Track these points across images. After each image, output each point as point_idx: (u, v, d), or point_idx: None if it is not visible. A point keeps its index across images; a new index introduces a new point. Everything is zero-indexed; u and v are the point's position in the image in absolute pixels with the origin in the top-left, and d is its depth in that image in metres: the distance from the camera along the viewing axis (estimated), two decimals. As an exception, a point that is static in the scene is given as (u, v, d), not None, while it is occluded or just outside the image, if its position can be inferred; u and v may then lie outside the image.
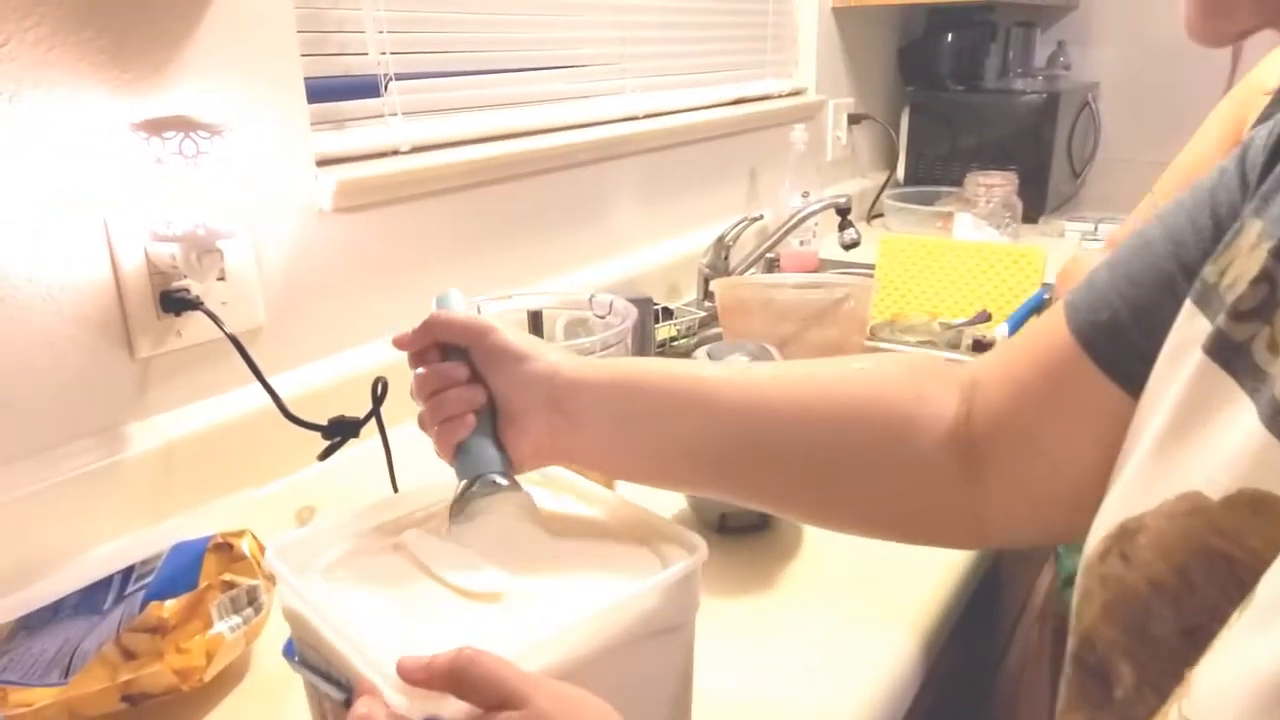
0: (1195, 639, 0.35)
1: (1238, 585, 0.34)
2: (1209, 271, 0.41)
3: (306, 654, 0.48)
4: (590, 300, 0.83)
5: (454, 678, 0.39)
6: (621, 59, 1.39)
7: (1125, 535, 0.41)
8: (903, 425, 0.54)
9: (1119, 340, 0.46)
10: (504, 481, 0.53)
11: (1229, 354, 0.38)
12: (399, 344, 0.58)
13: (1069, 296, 0.50)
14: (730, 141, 1.62)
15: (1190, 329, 0.41)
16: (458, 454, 0.55)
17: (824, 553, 0.77)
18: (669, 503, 0.81)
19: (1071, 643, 0.44)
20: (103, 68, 0.74)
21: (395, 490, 0.81)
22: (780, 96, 1.77)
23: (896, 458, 0.54)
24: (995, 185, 1.69)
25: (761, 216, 1.49)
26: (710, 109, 1.56)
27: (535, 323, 0.81)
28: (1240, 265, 0.39)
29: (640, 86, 1.43)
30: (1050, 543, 1.12)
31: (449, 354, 0.57)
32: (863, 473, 0.54)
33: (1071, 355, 0.48)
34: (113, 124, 0.75)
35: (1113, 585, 0.41)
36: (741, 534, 0.79)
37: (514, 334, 0.57)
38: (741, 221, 1.46)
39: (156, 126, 0.74)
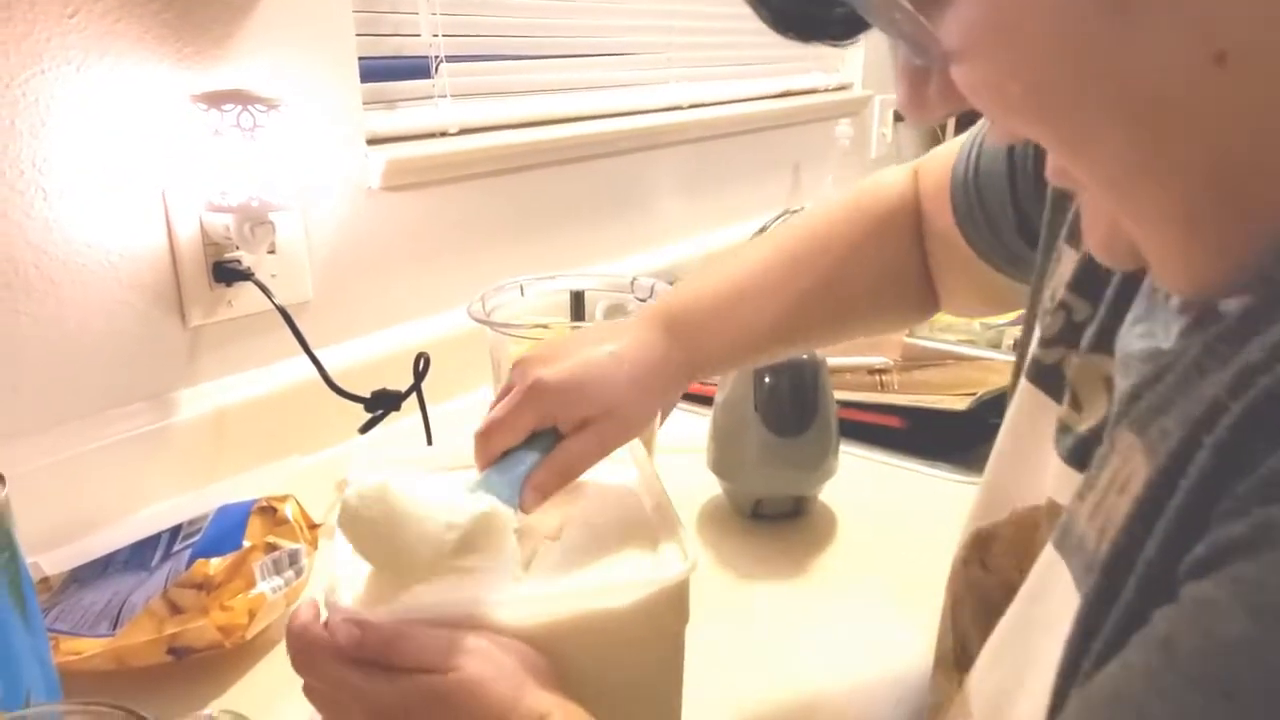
0: None
1: None
2: (1045, 294, 0.43)
3: None
4: (632, 283, 0.84)
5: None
6: (668, 48, 1.39)
7: (982, 543, 0.44)
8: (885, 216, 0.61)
9: (976, 225, 0.54)
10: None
11: (1044, 375, 0.40)
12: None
13: (963, 143, 0.55)
14: (774, 135, 1.62)
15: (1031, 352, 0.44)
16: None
17: (857, 543, 0.77)
18: (706, 484, 0.81)
19: (945, 642, 0.47)
20: (166, 40, 0.76)
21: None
22: (826, 91, 1.76)
23: (884, 235, 0.60)
24: (1042, 186, 1.67)
25: (803, 209, 1.49)
26: (755, 101, 1.56)
27: (578, 303, 0.82)
28: (1053, 290, 0.42)
29: (686, 76, 1.43)
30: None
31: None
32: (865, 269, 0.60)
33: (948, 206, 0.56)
34: (173, 96, 0.77)
35: (976, 590, 0.44)
36: (775, 521, 0.79)
37: (633, 403, 0.55)
38: (783, 214, 1.46)
39: (216, 99, 0.75)
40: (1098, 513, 0.29)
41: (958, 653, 0.45)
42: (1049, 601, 0.32)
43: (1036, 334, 0.42)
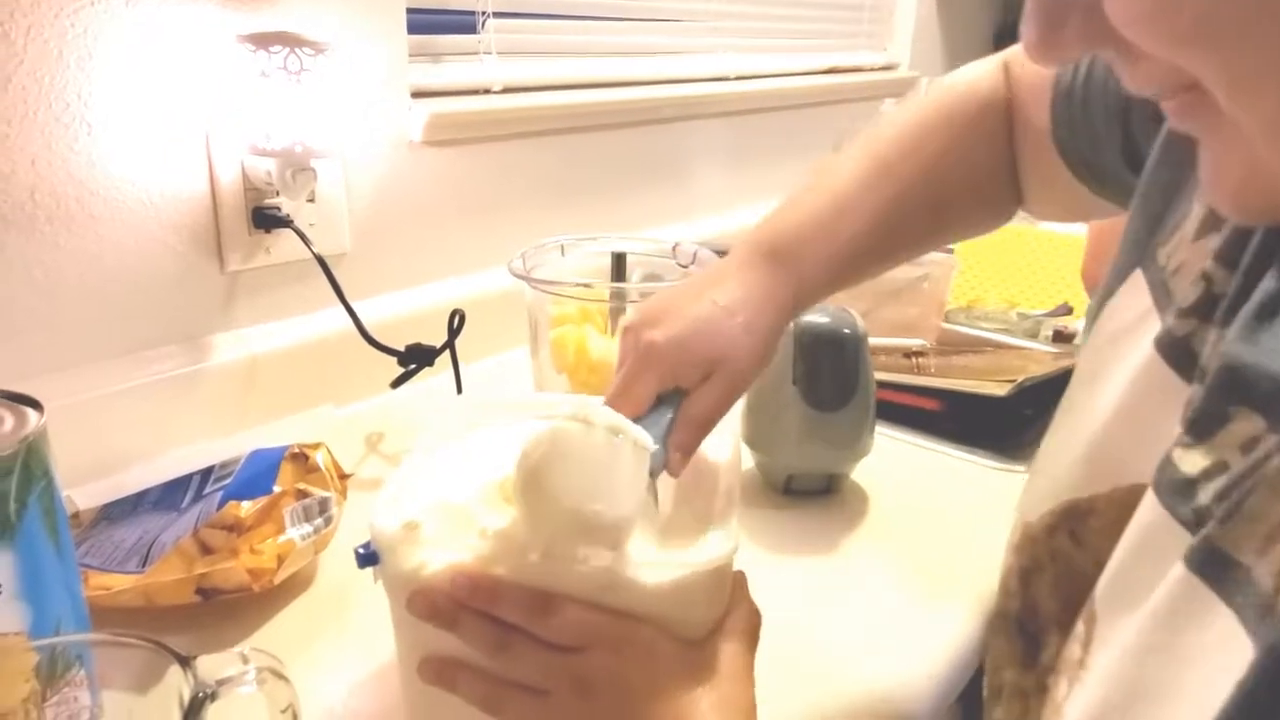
0: None
1: None
2: (1161, 254, 0.41)
3: None
4: (674, 249, 0.83)
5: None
6: (719, 16, 1.37)
7: (1075, 515, 0.42)
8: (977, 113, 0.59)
9: (1074, 134, 0.53)
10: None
11: (1176, 351, 0.38)
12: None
13: (1057, 84, 0.54)
14: (817, 111, 1.59)
15: (1139, 306, 0.41)
16: None
17: (889, 522, 0.76)
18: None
19: (1011, 605, 0.45)
20: (215, -21, 0.75)
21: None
22: (872, 70, 1.73)
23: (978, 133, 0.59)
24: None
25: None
26: (801, 76, 1.53)
27: (619, 265, 0.81)
28: (1183, 254, 0.39)
29: (733, 47, 1.41)
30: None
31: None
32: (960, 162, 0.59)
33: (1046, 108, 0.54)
34: (221, 35, 0.76)
35: (1062, 562, 0.42)
36: (807, 497, 0.78)
37: (747, 353, 0.54)
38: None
39: (263, 40, 0.74)
40: (1271, 551, 0.27)
41: (1025, 618, 0.44)
42: (1193, 633, 0.30)
43: (1173, 300, 0.39)
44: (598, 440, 0.44)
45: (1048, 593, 0.43)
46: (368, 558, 0.46)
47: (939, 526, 0.75)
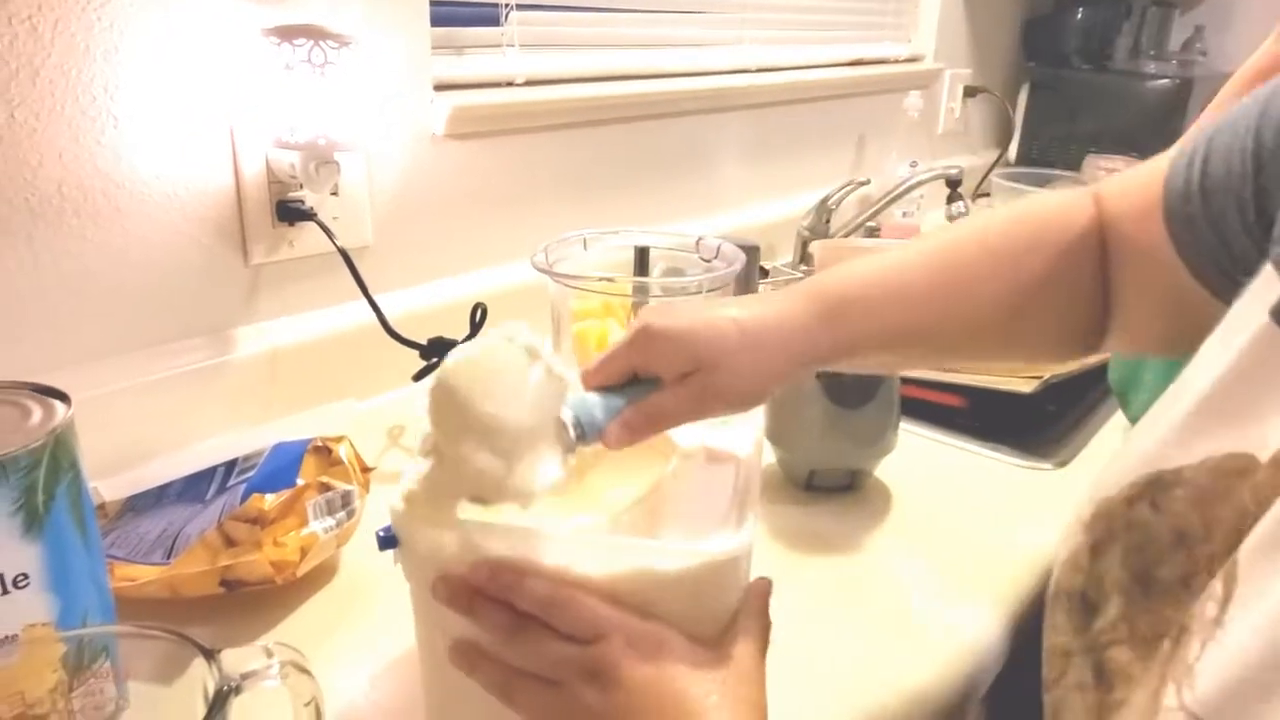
0: (1189, 585, 0.38)
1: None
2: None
3: None
4: (697, 243, 0.82)
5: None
6: (742, 8, 1.36)
7: (1159, 485, 0.41)
8: (1055, 226, 0.56)
9: (1197, 236, 0.48)
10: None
11: None
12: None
13: (1173, 160, 0.50)
14: (841, 103, 1.58)
15: (1266, 293, 0.40)
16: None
17: (912, 519, 0.75)
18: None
19: (1076, 580, 0.44)
20: (240, -28, 0.75)
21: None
22: (897, 61, 1.71)
23: (1052, 254, 0.55)
24: (1116, 170, 1.61)
25: (868, 182, 1.45)
26: (825, 68, 1.52)
27: (642, 260, 0.80)
28: None
29: (757, 39, 1.40)
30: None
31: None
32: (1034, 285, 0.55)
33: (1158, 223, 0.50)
34: (245, 28, 0.76)
35: (1138, 531, 0.41)
36: (829, 494, 0.78)
37: (732, 385, 0.52)
38: (848, 184, 1.43)
39: (288, 33, 0.74)
40: None
41: (1089, 590, 0.43)
42: None
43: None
44: (513, 357, 0.45)
45: (1118, 562, 0.42)
46: (388, 540, 0.46)
47: (963, 524, 0.75)
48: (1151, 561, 0.40)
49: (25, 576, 0.43)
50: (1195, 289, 0.49)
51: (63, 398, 0.45)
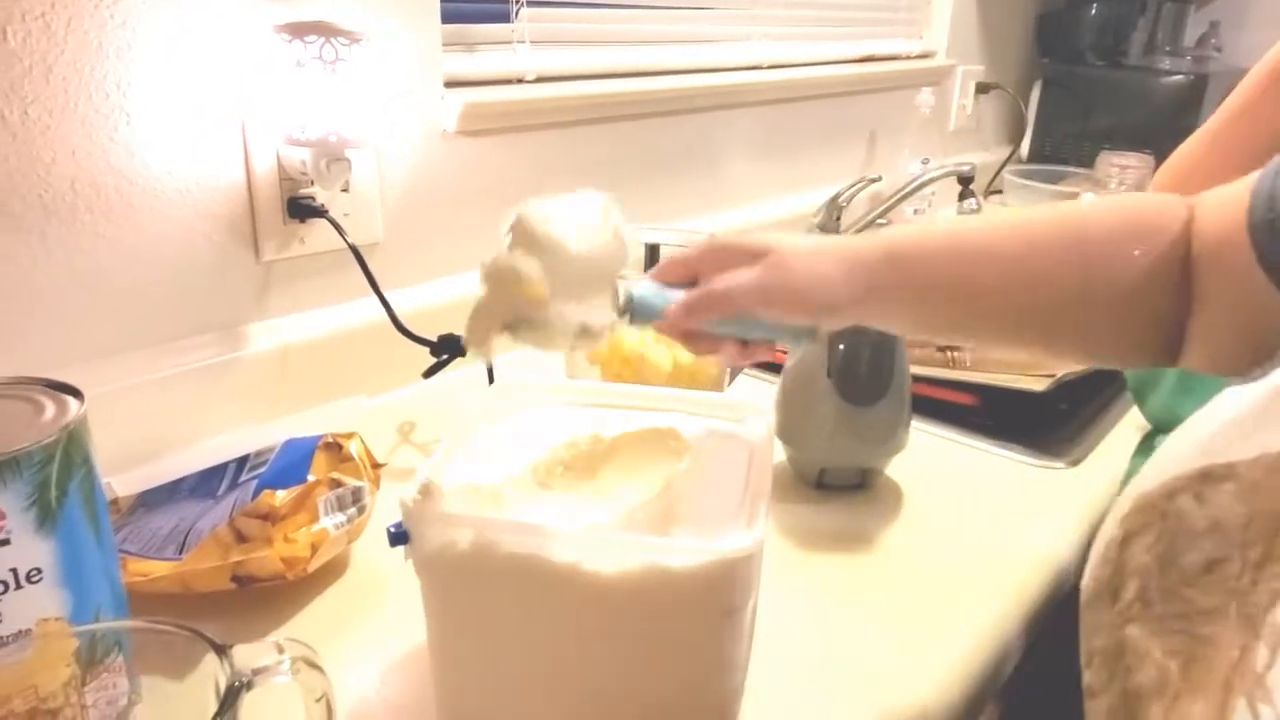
0: (1213, 570, 0.37)
1: None
2: None
3: None
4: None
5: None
6: (751, 4, 1.35)
7: (1208, 479, 0.40)
8: (1151, 219, 0.53)
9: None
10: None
11: None
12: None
13: (1265, 168, 0.48)
14: (853, 100, 1.57)
15: None
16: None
17: (923, 518, 0.75)
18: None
19: (1104, 572, 0.44)
20: (252, -31, 0.75)
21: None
22: (909, 58, 1.71)
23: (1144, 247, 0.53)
24: (1130, 167, 1.61)
25: (879, 179, 1.45)
26: (836, 64, 1.51)
27: (653, 256, 0.80)
28: None
29: (767, 35, 1.39)
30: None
31: None
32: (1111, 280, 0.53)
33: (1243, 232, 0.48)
34: (257, 25, 0.76)
35: (1172, 520, 0.41)
36: (840, 492, 0.78)
37: (800, 285, 0.53)
38: (859, 181, 1.42)
39: (299, 30, 0.74)
40: None
41: (1116, 580, 0.43)
42: None
43: None
44: (591, 206, 0.53)
45: (1144, 549, 0.42)
46: (399, 536, 0.47)
47: (974, 523, 0.74)
48: (1180, 548, 0.39)
49: (39, 571, 0.43)
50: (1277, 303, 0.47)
51: (76, 393, 0.46)
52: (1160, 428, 0.83)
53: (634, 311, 0.54)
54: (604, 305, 0.52)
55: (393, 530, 0.46)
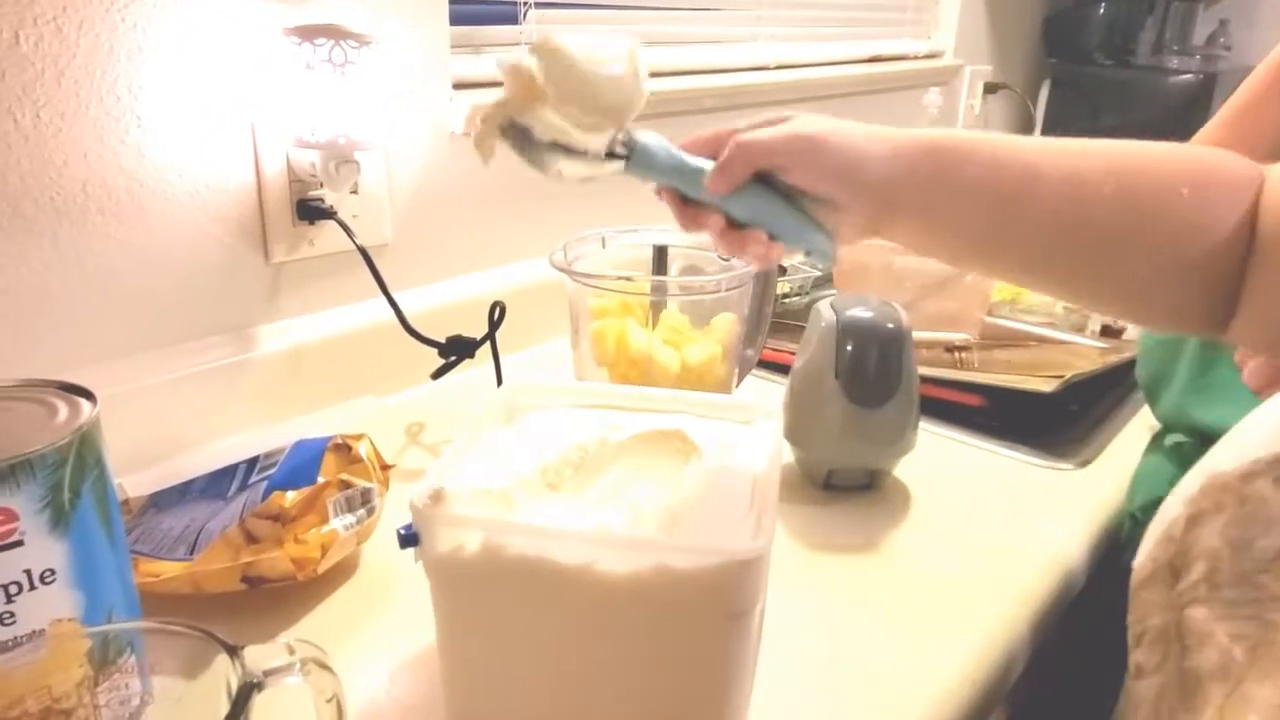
0: None
1: None
2: None
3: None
4: (715, 242, 0.82)
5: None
6: (758, 4, 1.36)
7: None
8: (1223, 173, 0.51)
9: None
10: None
11: None
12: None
13: None
14: (860, 100, 1.57)
15: None
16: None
17: (931, 519, 0.75)
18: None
19: (1166, 552, 0.43)
20: (261, -28, 0.76)
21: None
22: (916, 58, 1.70)
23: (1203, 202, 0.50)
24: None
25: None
26: (843, 65, 1.51)
27: (660, 258, 0.80)
28: None
29: (775, 35, 1.39)
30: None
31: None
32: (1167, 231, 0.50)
33: None
34: (267, 28, 0.76)
35: (1251, 506, 0.40)
36: (848, 493, 0.78)
37: (831, 140, 0.53)
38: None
39: (308, 33, 0.75)
40: None
41: (1177, 560, 0.43)
42: None
43: None
44: (618, 44, 0.53)
45: (1215, 531, 0.41)
46: (409, 538, 0.47)
47: (983, 525, 0.74)
48: (1254, 533, 0.39)
49: (52, 572, 0.43)
50: None
51: (88, 395, 0.46)
52: (1171, 427, 0.82)
53: (634, 155, 0.54)
54: (599, 136, 0.53)
55: (403, 532, 0.47)
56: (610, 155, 0.54)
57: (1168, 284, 0.51)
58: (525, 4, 1.02)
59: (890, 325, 0.73)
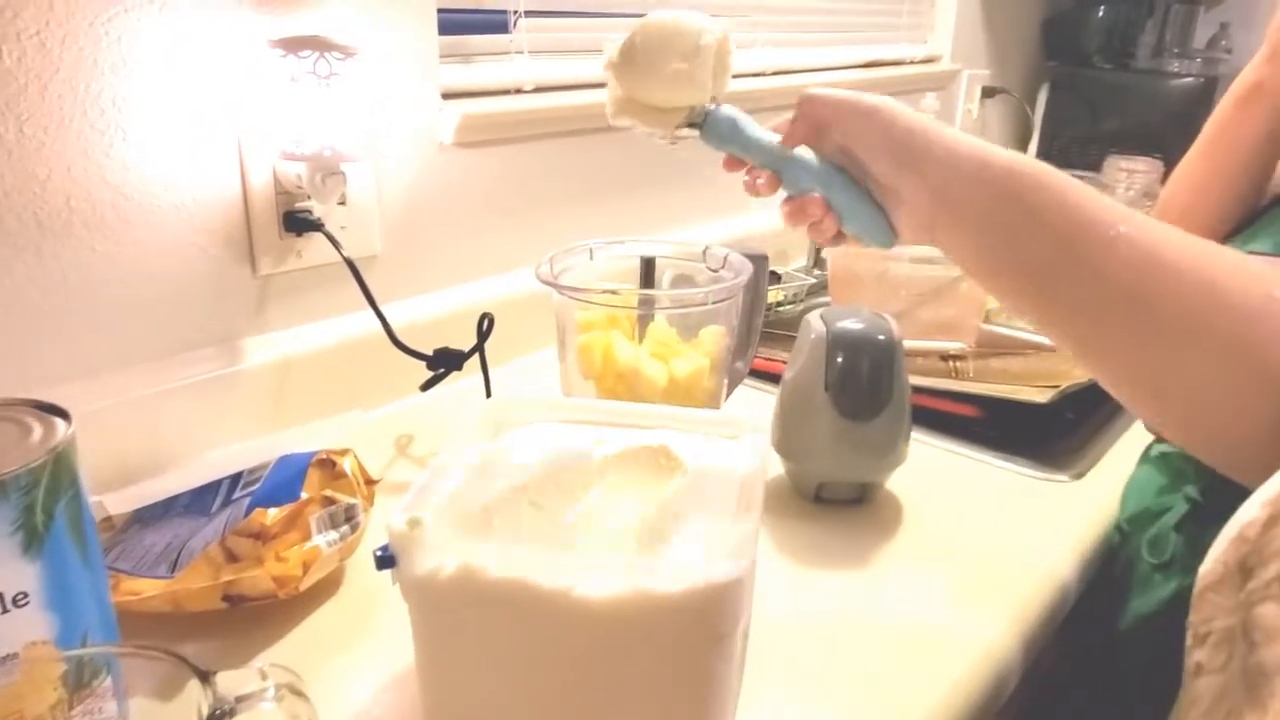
0: None
1: None
2: None
3: None
4: (704, 253, 0.81)
5: None
6: (754, 10, 1.35)
7: None
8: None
9: None
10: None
11: None
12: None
13: None
14: (856, 106, 1.56)
15: None
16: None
17: (925, 533, 0.74)
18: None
19: (1238, 552, 0.42)
20: (247, -16, 0.75)
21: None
22: (913, 62, 1.70)
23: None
24: (1138, 171, 1.59)
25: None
26: (840, 70, 1.51)
27: (648, 270, 0.80)
28: None
29: (770, 41, 1.39)
30: None
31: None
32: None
33: None
34: (251, 40, 0.76)
35: None
36: (839, 507, 0.77)
37: (902, 119, 0.55)
38: (861, 189, 1.41)
39: (293, 45, 0.74)
40: None
41: (1251, 561, 0.42)
42: None
43: None
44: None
45: None
46: (385, 560, 0.46)
47: (977, 537, 0.74)
48: None
49: (25, 595, 0.43)
50: None
51: (64, 415, 0.45)
52: (1159, 436, 0.82)
53: (703, 116, 0.70)
54: (681, 96, 0.69)
55: (379, 554, 0.46)
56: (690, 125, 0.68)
57: (1222, 408, 0.49)
58: (515, 12, 1.01)
59: (881, 337, 0.73)
